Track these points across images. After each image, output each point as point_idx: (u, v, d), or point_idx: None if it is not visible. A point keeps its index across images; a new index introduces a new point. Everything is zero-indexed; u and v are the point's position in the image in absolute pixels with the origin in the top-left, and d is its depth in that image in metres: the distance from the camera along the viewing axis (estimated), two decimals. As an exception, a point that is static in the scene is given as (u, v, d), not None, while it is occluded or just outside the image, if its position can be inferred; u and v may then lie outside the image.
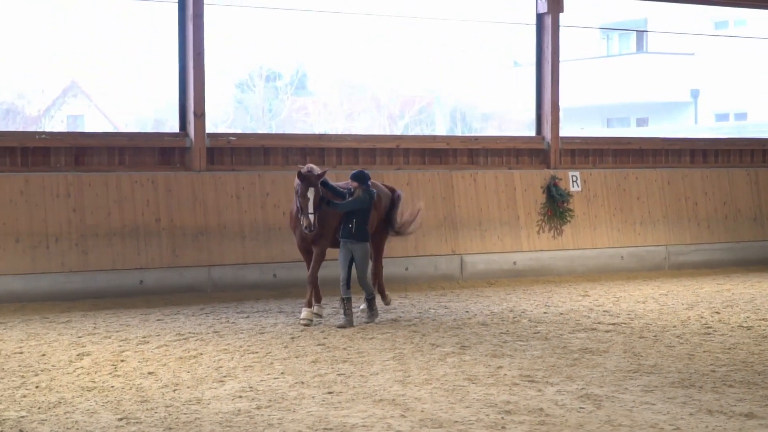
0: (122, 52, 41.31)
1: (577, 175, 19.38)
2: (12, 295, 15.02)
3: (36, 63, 40.98)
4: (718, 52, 44.01)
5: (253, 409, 9.20)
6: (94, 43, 40.92)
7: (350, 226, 13.47)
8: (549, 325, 13.78)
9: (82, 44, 40.83)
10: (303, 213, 13.25)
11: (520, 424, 8.64)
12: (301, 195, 13.27)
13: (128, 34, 39.90)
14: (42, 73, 41.67)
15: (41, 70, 41.53)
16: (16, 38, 39.18)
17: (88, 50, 41.67)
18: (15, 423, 8.68)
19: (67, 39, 39.83)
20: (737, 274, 19.68)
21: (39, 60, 40.80)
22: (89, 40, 40.62)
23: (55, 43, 40.22)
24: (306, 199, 13.22)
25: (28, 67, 41.13)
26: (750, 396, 9.67)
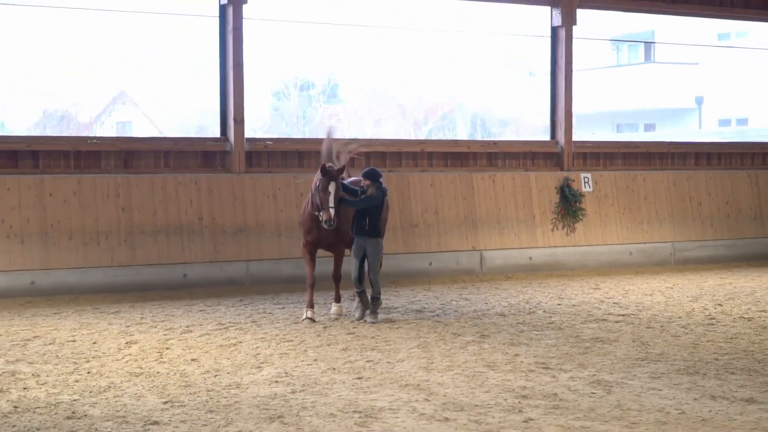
0: (167, 63, 41.44)
1: (588, 176, 19.33)
2: (66, 287, 15.10)
3: (88, 74, 41.16)
4: (720, 62, 43.80)
5: (288, 393, 9.21)
6: (141, 55, 41.06)
7: (364, 222, 13.03)
8: (562, 315, 13.75)
9: (130, 56, 40.96)
10: (323, 207, 12.66)
11: (535, 408, 8.63)
12: (322, 189, 12.71)
13: (172, 47, 40.04)
14: (93, 83, 41.84)
15: (93, 80, 41.70)
16: (70, 51, 39.38)
17: (136, 62, 41.82)
18: (68, 406, 8.72)
19: (116, 51, 39.99)
20: (738, 269, 19.58)
21: (91, 71, 40.98)
22: (137, 52, 40.77)
23: (106, 55, 40.38)
24: (327, 194, 12.66)
25: (80, 78, 41.32)
26: (751, 382, 9.62)
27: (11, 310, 14.13)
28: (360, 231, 13.05)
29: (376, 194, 13.00)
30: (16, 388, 9.36)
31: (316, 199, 12.84)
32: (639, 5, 20.36)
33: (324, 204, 12.64)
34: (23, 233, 14.99)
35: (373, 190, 12.98)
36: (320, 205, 12.73)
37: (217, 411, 8.53)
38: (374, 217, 13.04)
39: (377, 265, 13.22)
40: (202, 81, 28.46)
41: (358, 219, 13.06)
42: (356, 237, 13.12)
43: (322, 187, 12.68)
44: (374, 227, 13.07)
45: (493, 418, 8.29)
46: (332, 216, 12.57)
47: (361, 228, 13.04)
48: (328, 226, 12.63)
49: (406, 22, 30.68)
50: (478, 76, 43.97)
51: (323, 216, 12.63)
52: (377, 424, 8.12)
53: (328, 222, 12.58)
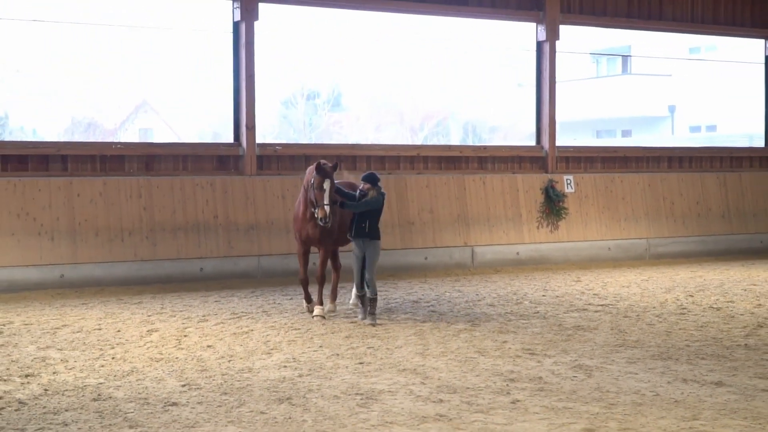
0: (185, 74, 41.45)
1: (570, 178, 19.33)
2: (92, 280, 15.11)
3: (113, 84, 41.19)
4: (691, 74, 43.79)
5: (295, 376, 9.22)
6: (161, 68, 41.07)
7: (363, 225, 12.15)
8: (547, 306, 13.76)
9: (151, 68, 40.98)
10: (318, 205, 11.86)
11: (522, 390, 8.63)
12: (317, 187, 11.88)
13: (190, 60, 40.05)
14: (118, 93, 41.87)
15: (117, 91, 41.73)
16: (96, 64, 39.40)
17: (157, 73, 41.84)
18: (94, 389, 8.73)
19: (138, 64, 40.01)
20: (708, 263, 19.59)
21: (115, 82, 41.00)
22: (157, 65, 40.78)
23: (129, 67, 40.41)
24: (322, 191, 11.84)
25: (106, 88, 41.35)
26: (719, 367, 9.63)
27: (42, 301, 14.14)
28: (359, 233, 12.23)
29: (377, 197, 12.27)
30: (46, 373, 9.37)
31: (311, 195, 12.11)
32: (617, 22, 20.35)
33: (319, 201, 11.89)
34: (53, 230, 14.99)
35: (374, 192, 12.25)
36: (315, 203, 11.99)
37: (231, 393, 8.54)
38: (373, 220, 12.26)
39: (374, 267, 12.33)
40: (217, 91, 28.45)
41: (357, 222, 12.27)
42: (355, 239, 12.31)
43: (317, 185, 11.91)
44: (374, 230, 12.26)
45: (483, 400, 8.30)
46: (327, 213, 11.83)
47: (360, 230, 12.22)
48: (323, 223, 11.92)
49: (405, 36, 30.68)
50: (470, 86, 43.98)
51: (318, 213, 11.90)
52: (377, 405, 8.13)
53: (324, 219, 11.85)
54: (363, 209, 12.18)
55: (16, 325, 12.07)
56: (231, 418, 7.72)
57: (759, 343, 10.89)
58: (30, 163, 15.31)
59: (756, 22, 21.77)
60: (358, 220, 12.23)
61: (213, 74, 34.15)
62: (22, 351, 10.41)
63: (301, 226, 12.64)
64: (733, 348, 10.62)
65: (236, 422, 7.61)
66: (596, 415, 7.79)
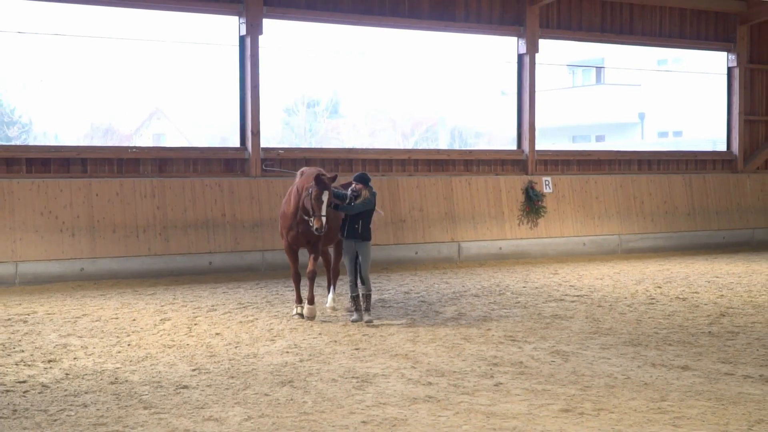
0: (195, 84, 41.39)
1: (549, 179, 19.35)
2: (110, 273, 15.09)
3: (128, 93, 41.12)
4: (659, 84, 43.84)
5: (297, 361, 9.22)
6: (173, 78, 41.03)
7: (356, 226, 11.40)
8: (527, 296, 13.78)
9: (164, 79, 40.93)
10: (316, 215, 11.16)
11: (504, 374, 8.64)
12: (315, 198, 11.17)
13: (199, 71, 40.02)
14: (133, 101, 41.81)
15: (133, 99, 41.66)
16: (113, 74, 39.35)
17: (169, 83, 41.81)
18: (112, 373, 8.73)
19: (152, 75, 39.96)
20: (675, 257, 19.64)
21: (131, 91, 40.94)
22: (169, 75, 40.74)
23: (143, 78, 40.37)
24: (320, 202, 11.15)
25: (122, 97, 41.30)
26: (685, 352, 9.66)
27: (64, 292, 14.13)
28: (352, 234, 11.46)
29: (369, 198, 11.50)
30: (67, 358, 9.36)
31: (308, 205, 11.33)
32: (591, 36, 20.37)
33: (317, 212, 11.20)
34: (74, 227, 14.98)
35: (366, 193, 11.47)
36: (312, 212, 11.26)
37: (238, 377, 8.54)
38: (366, 221, 11.49)
39: (369, 265, 11.58)
40: (225, 99, 28.42)
41: (350, 222, 11.48)
42: (347, 240, 11.52)
43: (316, 196, 11.18)
44: (366, 230, 11.50)
45: (468, 382, 8.31)
46: (323, 224, 11.15)
47: (353, 232, 11.45)
48: (319, 232, 11.26)
49: (397, 49, 30.73)
50: (457, 95, 43.95)
51: (314, 223, 11.20)
52: (372, 388, 8.13)
53: (320, 229, 11.19)
54: (358, 210, 11.43)
55: (40, 314, 12.06)
56: (237, 400, 7.72)
57: (722, 331, 10.92)
58: (52, 166, 15.29)
59: (719, 37, 21.83)
60: (351, 220, 11.48)
61: (221, 84, 34.11)
62: (45, 338, 10.41)
63: (290, 227, 11.86)
64: (698, 335, 10.65)
65: (242, 403, 7.61)
66: (572, 397, 7.80)
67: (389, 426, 6.95)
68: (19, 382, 8.36)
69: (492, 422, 7.04)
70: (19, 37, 19.20)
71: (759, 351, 9.72)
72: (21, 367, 8.97)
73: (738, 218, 21.66)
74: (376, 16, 17.87)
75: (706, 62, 23.81)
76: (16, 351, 9.70)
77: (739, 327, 11.17)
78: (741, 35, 21.90)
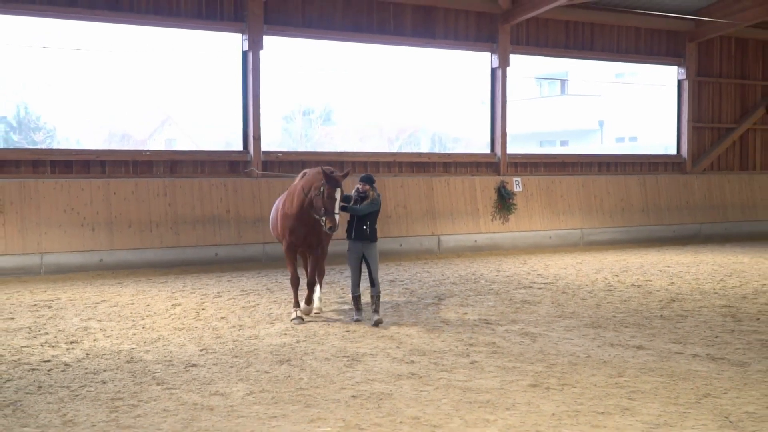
0: (202, 94, 41.31)
1: (519, 180, 19.37)
2: (126, 263, 15.04)
3: (143, 103, 41.02)
4: (617, 94, 44.01)
5: (294, 342, 9.21)
6: (183, 89, 40.94)
7: (364, 227, 10.13)
8: (499, 284, 13.79)
9: (175, 89, 40.85)
10: (328, 214, 9.87)
11: (479, 353, 8.65)
12: (328, 196, 9.91)
13: (206, 82, 39.93)
14: (147, 110, 41.71)
15: (146, 108, 41.55)
16: (130, 86, 39.23)
17: (179, 94, 41.71)
18: (128, 353, 8.70)
19: (164, 86, 39.87)
20: (630, 249, 19.70)
21: (145, 101, 40.83)
22: (180, 86, 40.66)
23: (156, 89, 40.26)
24: (333, 200, 9.91)
25: (137, 106, 41.19)
26: (640, 334, 9.69)
27: (84, 281, 14.07)
28: (360, 236, 10.17)
29: (376, 198, 10.28)
30: (87, 340, 9.32)
31: (319, 203, 10.04)
32: (557, 52, 20.40)
33: (329, 210, 9.92)
34: (94, 223, 14.91)
35: (373, 193, 10.27)
36: (325, 211, 9.95)
37: (241, 356, 8.53)
38: (373, 222, 10.23)
39: (377, 266, 10.34)
40: (229, 107, 28.50)
41: (357, 224, 10.19)
42: (354, 242, 10.22)
43: (329, 194, 9.93)
44: (374, 232, 10.24)
45: (447, 361, 8.31)
46: (337, 222, 9.93)
47: (360, 233, 10.17)
48: (332, 231, 10.00)
49: (384, 63, 30.74)
50: (437, 104, 43.99)
51: (327, 222, 9.89)
52: (361, 366, 8.12)
53: (333, 228, 9.91)
54: (367, 212, 10.19)
55: (63, 300, 12.01)
56: (240, 377, 7.70)
57: (672, 314, 10.96)
58: (74, 167, 15.22)
59: (670, 53, 21.89)
60: (358, 222, 10.20)
61: (225, 94, 34.03)
62: (68, 322, 10.36)
63: (292, 228, 10.49)
64: (651, 318, 10.69)
65: (245, 380, 7.59)
66: (540, 373, 7.81)
67: (376, 400, 6.94)
68: (44, 361, 8.32)
69: (468, 396, 7.05)
70: (44, 52, 19.08)
71: (705, 332, 9.77)
72: (45, 347, 8.93)
73: (687, 214, 21.74)
74: (365, 33, 17.86)
75: (658, 75, 23.88)
76: (41, 333, 9.66)
77: (687, 311, 11.21)
78: (690, 51, 21.97)
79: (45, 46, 16.07)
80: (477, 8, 18.88)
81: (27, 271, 14.29)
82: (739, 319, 10.58)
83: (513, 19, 18.95)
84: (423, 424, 6.28)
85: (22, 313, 11.00)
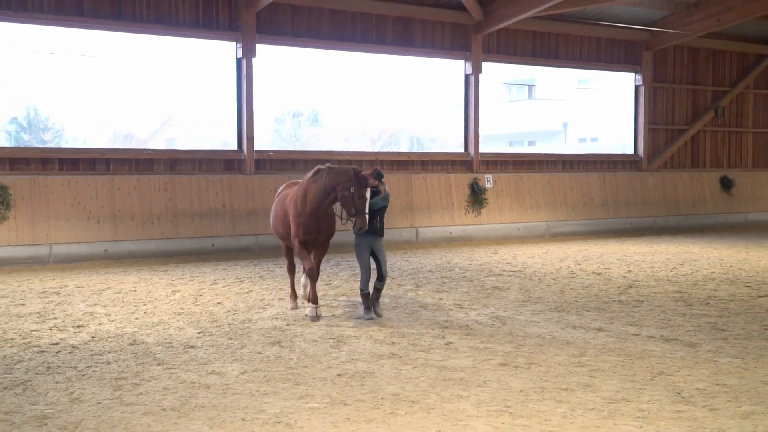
0: (200, 97, 41.11)
1: (490, 177, 19.40)
2: (129, 253, 14.95)
3: (145, 105, 40.77)
4: (580, 99, 44.14)
5: (284, 326, 9.18)
6: (183, 92, 40.72)
7: (375, 222, 9.45)
8: (472, 272, 13.82)
9: (175, 93, 40.63)
10: (359, 214, 9.05)
11: (454, 335, 8.66)
12: (359, 196, 9.08)
13: (204, 87, 39.76)
14: (148, 111, 41.47)
15: (149, 109, 41.31)
16: (133, 89, 38.97)
17: (179, 97, 41.49)
18: (131, 335, 8.65)
19: (164, 89, 39.64)
20: (591, 240, 19.79)
21: (147, 103, 40.58)
22: (179, 90, 40.44)
23: (158, 92, 40.03)
24: (363, 200, 9.11)
25: (140, 108, 40.93)
26: (600, 317, 9.73)
27: (91, 269, 13.98)
28: (371, 231, 9.44)
29: (388, 194, 9.63)
30: (93, 324, 9.26)
31: (349, 204, 9.14)
32: (525, 60, 20.43)
33: (360, 210, 9.10)
34: (99, 216, 14.81)
35: (384, 189, 9.59)
36: (356, 212, 9.11)
37: (235, 338, 8.50)
38: (382, 218, 9.59)
39: (386, 260, 9.63)
40: (224, 110, 28.43)
41: (369, 220, 9.36)
42: (365, 237, 9.45)
43: (359, 194, 9.11)
44: (383, 227, 9.59)
45: (425, 342, 8.32)
46: (367, 221, 9.20)
47: (372, 228, 9.44)
48: (360, 231, 9.19)
49: (367, 69, 30.72)
50: (415, 107, 43.96)
51: (358, 222, 9.07)
52: (345, 347, 8.12)
53: (364, 228, 9.13)
54: (381, 206, 9.49)
55: (70, 287, 11.92)
56: (235, 357, 7.67)
57: (629, 299, 11.02)
58: (81, 165, 15.10)
59: (628, 61, 21.99)
60: (370, 217, 9.42)
61: (221, 97, 33.97)
62: (75, 307, 10.29)
63: (307, 227, 9.56)
64: (610, 303, 10.74)
65: (239, 360, 7.57)
66: (509, 353, 7.83)
67: (360, 378, 6.94)
68: (53, 344, 8.26)
69: (444, 374, 7.05)
70: (53, 58, 18.90)
71: (660, 316, 9.83)
72: (54, 331, 8.87)
73: (642, 208, 21.85)
74: (349, 42, 17.81)
75: (617, 81, 23.96)
76: (50, 318, 9.59)
77: (643, 296, 11.28)
78: (646, 59, 22.06)
79: (53, 52, 15.92)
80: (452, 20, 18.88)
81: (37, 260, 14.18)
82: (690, 304, 10.65)
83: (485, 30, 18.96)
84: (402, 400, 6.29)
85: (32, 299, 10.92)
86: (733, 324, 9.30)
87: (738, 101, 24.24)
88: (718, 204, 23.22)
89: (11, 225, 14.09)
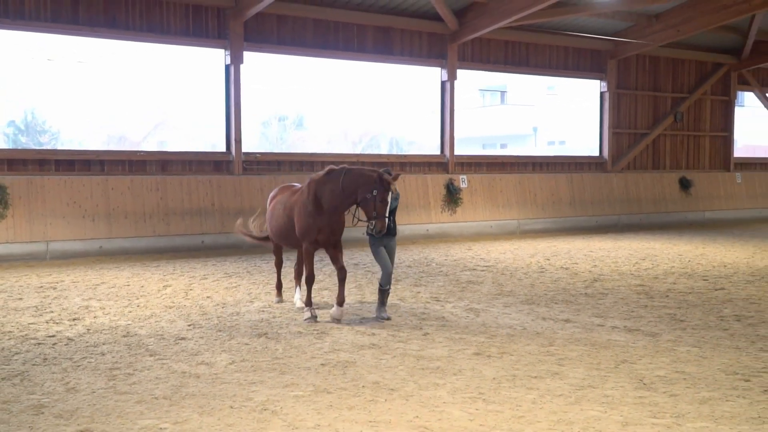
0: (191, 102, 40.91)
1: (464, 177, 19.44)
2: (123, 250, 14.83)
3: (138, 108, 40.49)
4: (549, 104, 44.34)
5: (270, 318, 9.15)
6: (174, 97, 40.50)
7: (390, 222, 8.96)
8: (448, 267, 13.84)
9: (167, 97, 40.40)
10: (380, 217, 8.48)
11: (430, 326, 8.67)
12: (381, 200, 8.49)
13: (194, 91, 39.59)
14: (142, 113, 41.20)
15: (142, 112, 41.04)
16: (126, 93, 38.71)
17: (171, 101, 41.26)
18: (124, 328, 8.58)
19: (157, 93, 39.40)
20: (560, 237, 19.88)
21: (140, 107, 40.31)
22: (171, 95, 40.21)
23: (151, 96, 39.78)
24: (385, 204, 8.54)
25: (133, 111, 40.65)
26: (568, 309, 9.78)
27: (86, 265, 13.86)
28: (387, 230, 8.92)
29: (398, 193, 9.07)
30: (88, 317, 9.18)
31: (370, 207, 8.54)
32: (497, 67, 20.48)
33: (381, 213, 8.53)
34: (94, 214, 14.68)
35: (395, 188, 8.80)
36: (377, 215, 8.53)
37: (224, 330, 8.46)
38: (394, 217, 9.05)
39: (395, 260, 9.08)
40: (214, 113, 28.31)
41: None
42: (381, 238, 8.93)
43: (382, 198, 8.51)
44: (395, 226, 9.09)
45: (403, 333, 8.32)
46: (386, 225, 8.70)
47: (388, 228, 8.94)
48: (379, 235, 8.68)
49: (350, 75, 30.66)
50: (394, 112, 43.97)
51: (378, 225, 8.52)
52: (329, 338, 8.10)
53: (383, 231, 8.60)
54: (394, 206, 8.95)
55: (66, 282, 11.81)
56: (224, 348, 7.64)
57: (595, 292, 11.08)
58: (77, 166, 14.97)
59: (593, 68, 22.12)
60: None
61: (210, 102, 33.84)
62: (71, 301, 10.19)
63: (321, 228, 8.96)
64: (577, 296, 10.80)
65: (228, 351, 7.53)
66: (482, 343, 7.86)
67: (342, 367, 6.93)
68: (49, 336, 8.18)
69: (421, 363, 7.06)
70: (49, 64, 18.72)
71: (623, 308, 9.89)
72: (50, 324, 8.78)
73: (607, 207, 21.99)
74: (332, 50, 17.78)
75: (584, 88, 24.06)
76: (46, 312, 9.49)
77: (608, 289, 11.35)
78: (610, 67, 22.20)
79: (50, 58, 15.77)
80: (429, 29, 18.90)
81: (34, 257, 14.04)
82: (651, 296, 10.73)
83: (460, 39, 18.99)
84: (382, 388, 6.28)
85: (29, 293, 10.80)
86: (692, 315, 9.38)
87: (696, 107, 24.46)
88: (677, 203, 23.42)
89: (9, 223, 13.94)
